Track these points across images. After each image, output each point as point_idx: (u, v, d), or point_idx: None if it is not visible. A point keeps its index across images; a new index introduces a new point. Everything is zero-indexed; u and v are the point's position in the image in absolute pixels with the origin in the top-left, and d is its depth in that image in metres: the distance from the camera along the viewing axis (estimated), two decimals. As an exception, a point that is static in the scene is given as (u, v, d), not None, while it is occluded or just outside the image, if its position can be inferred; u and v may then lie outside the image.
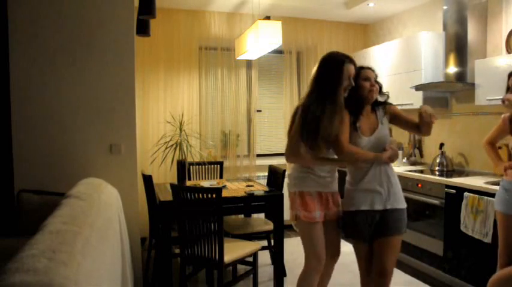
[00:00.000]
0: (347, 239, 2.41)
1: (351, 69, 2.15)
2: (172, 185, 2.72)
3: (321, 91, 2.15)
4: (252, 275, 2.90)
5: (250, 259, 2.88)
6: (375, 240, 2.23)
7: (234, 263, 2.75)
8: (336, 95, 2.12)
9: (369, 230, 2.22)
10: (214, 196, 2.57)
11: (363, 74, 2.25)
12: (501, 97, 2.56)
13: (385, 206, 2.18)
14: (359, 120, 2.22)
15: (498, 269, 2.40)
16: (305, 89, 5.02)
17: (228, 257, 2.62)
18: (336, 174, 2.34)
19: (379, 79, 2.33)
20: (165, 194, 3.15)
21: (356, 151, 2.15)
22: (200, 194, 2.61)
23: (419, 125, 2.16)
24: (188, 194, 2.64)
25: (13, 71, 2.71)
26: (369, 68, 2.30)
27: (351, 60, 2.17)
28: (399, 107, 4.12)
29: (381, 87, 2.29)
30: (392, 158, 2.18)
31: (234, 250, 2.72)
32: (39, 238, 1.29)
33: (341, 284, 3.30)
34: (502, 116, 2.58)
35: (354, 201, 2.21)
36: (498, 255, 2.42)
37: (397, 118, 2.30)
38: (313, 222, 2.20)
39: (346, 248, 2.56)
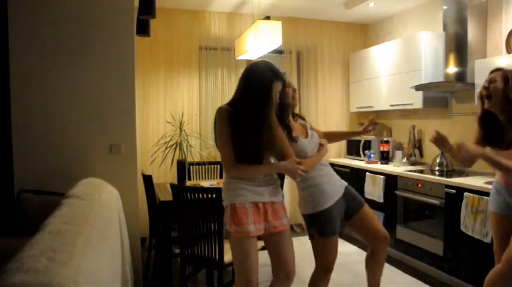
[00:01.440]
0: (326, 238, 2.27)
1: (279, 87, 2.01)
2: (172, 185, 2.72)
3: (248, 108, 1.98)
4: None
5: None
6: (351, 220, 2.38)
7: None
8: (265, 115, 1.98)
9: (340, 220, 2.32)
10: (214, 195, 2.57)
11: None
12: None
13: (342, 188, 2.36)
14: (291, 127, 2.22)
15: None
16: (305, 89, 5.03)
17: (228, 257, 2.61)
18: (278, 181, 2.17)
19: (379, 79, 2.35)
20: (165, 194, 3.15)
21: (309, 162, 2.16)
22: (200, 194, 2.61)
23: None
24: (188, 194, 2.64)
25: (13, 71, 2.71)
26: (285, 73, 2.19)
27: (279, 77, 2.00)
28: (399, 107, 4.15)
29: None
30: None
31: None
32: (39, 238, 1.29)
33: (341, 284, 3.30)
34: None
35: (320, 200, 2.23)
36: (494, 254, 2.43)
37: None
38: (245, 237, 1.96)
39: (346, 248, 2.56)
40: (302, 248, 4.28)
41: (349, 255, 3.98)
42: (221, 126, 1.98)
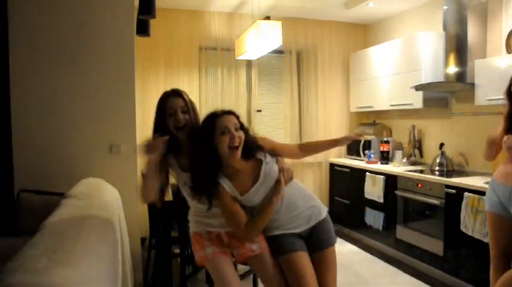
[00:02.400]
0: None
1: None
2: (172, 185, 2.73)
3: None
4: (252, 276, 2.90)
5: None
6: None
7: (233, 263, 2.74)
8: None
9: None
10: None
11: (218, 125, 1.87)
12: (501, 97, 2.56)
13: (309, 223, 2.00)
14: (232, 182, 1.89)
15: (491, 268, 2.43)
16: (305, 89, 5.03)
17: None
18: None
19: (379, 79, 2.28)
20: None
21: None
22: None
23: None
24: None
25: (13, 71, 2.72)
26: (227, 113, 1.99)
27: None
28: (399, 107, 4.15)
29: (246, 131, 1.99)
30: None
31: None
32: (39, 238, 1.29)
33: (341, 284, 3.29)
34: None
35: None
36: (490, 255, 2.44)
37: (275, 151, 2.03)
38: (207, 259, 1.91)
39: (346, 248, 2.56)
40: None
41: (349, 255, 3.97)
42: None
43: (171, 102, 1.96)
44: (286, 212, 1.93)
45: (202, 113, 4.07)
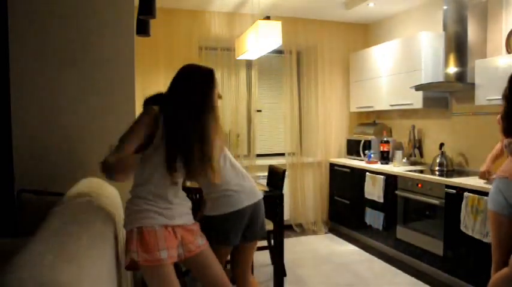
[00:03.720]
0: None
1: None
2: None
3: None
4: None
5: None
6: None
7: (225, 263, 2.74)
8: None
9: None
10: (198, 196, 2.56)
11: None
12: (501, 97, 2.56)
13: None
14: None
15: (492, 267, 2.43)
16: (305, 89, 5.03)
17: None
18: (187, 203, 1.95)
19: (379, 79, 2.32)
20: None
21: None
22: (191, 195, 2.61)
23: None
24: None
25: (13, 71, 2.71)
26: None
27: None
28: (399, 107, 4.15)
29: None
30: None
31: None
32: (43, 235, 1.30)
33: (341, 284, 3.30)
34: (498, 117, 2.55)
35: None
36: (492, 253, 2.44)
37: None
38: (157, 265, 1.71)
39: (346, 248, 2.56)
40: (302, 248, 4.29)
41: (349, 255, 3.98)
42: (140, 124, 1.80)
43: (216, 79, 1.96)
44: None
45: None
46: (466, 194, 2.96)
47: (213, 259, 1.94)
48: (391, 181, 3.83)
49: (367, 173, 4.12)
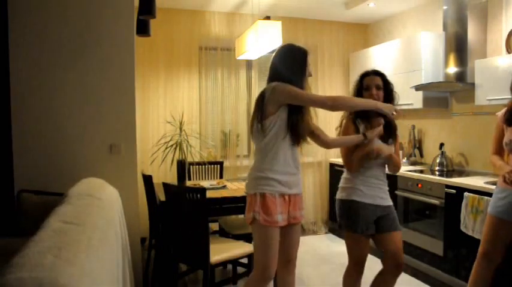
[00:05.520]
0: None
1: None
2: (164, 184, 2.74)
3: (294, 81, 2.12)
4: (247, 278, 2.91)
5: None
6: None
7: (224, 263, 2.75)
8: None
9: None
10: (199, 196, 2.56)
11: (364, 82, 2.32)
12: (501, 97, 2.56)
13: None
14: (366, 129, 2.29)
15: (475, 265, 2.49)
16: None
17: (216, 258, 2.61)
18: (299, 175, 2.17)
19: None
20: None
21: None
22: (187, 194, 2.62)
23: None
24: (175, 193, 2.66)
25: (13, 71, 2.72)
26: (373, 73, 2.33)
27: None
28: (399, 107, 4.14)
29: (389, 92, 2.33)
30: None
31: (226, 251, 2.71)
32: (43, 235, 1.30)
33: (340, 284, 3.29)
34: (497, 114, 2.53)
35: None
36: (480, 253, 2.47)
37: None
38: (273, 226, 2.02)
39: (345, 248, 2.55)
40: (302, 248, 4.28)
41: (349, 255, 3.97)
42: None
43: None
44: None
45: (203, 113, 4.09)
46: (466, 194, 2.96)
47: (298, 233, 2.25)
48: (391, 181, 3.82)
49: (367, 173, 4.12)
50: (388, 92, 2.33)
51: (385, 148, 2.27)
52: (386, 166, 2.40)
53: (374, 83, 2.29)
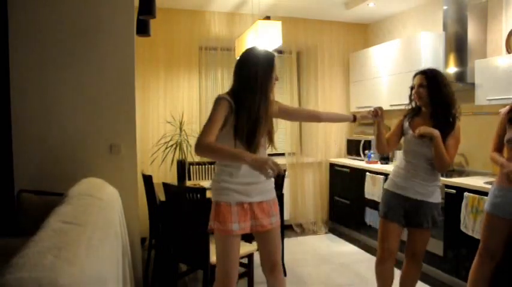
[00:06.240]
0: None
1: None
2: (164, 184, 2.74)
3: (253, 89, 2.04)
4: (247, 278, 2.91)
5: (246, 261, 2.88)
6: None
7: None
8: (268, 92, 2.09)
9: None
10: (198, 196, 2.57)
11: (413, 81, 2.48)
12: (501, 97, 2.56)
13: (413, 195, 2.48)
14: (412, 122, 2.52)
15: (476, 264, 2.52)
16: (305, 89, 5.03)
17: (214, 258, 2.61)
18: (265, 183, 2.06)
19: (379, 79, 2.35)
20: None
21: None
22: (187, 194, 2.62)
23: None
24: (175, 193, 2.66)
25: (13, 71, 2.72)
26: (419, 73, 2.45)
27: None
28: (399, 107, 4.14)
29: (432, 90, 2.40)
30: None
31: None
32: (43, 235, 1.30)
33: (341, 284, 3.30)
34: (501, 111, 2.53)
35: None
36: (481, 252, 2.49)
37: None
38: (227, 235, 1.96)
39: (346, 248, 2.55)
40: (302, 248, 4.29)
41: (349, 255, 3.98)
42: (217, 109, 1.94)
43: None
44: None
45: (203, 113, 4.09)
46: (466, 194, 2.96)
47: (276, 239, 2.15)
48: (391, 181, 3.83)
49: (367, 173, 4.12)
50: (433, 90, 2.42)
51: None
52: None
53: (418, 82, 2.43)
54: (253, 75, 2.02)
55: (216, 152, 1.85)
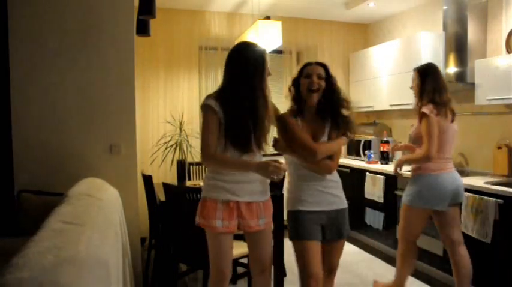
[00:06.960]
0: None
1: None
2: (164, 184, 2.74)
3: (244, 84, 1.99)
4: (247, 277, 2.90)
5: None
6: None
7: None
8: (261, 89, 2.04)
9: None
10: (198, 196, 2.57)
11: (305, 71, 2.13)
12: (501, 97, 2.57)
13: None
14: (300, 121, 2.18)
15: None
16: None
17: None
18: (258, 183, 2.04)
19: (379, 79, 2.32)
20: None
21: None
22: (187, 194, 2.62)
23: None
24: (175, 193, 2.66)
25: (13, 71, 2.72)
26: (316, 64, 2.15)
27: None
28: (399, 107, 4.15)
29: (332, 91, 2.15)
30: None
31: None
32: (43, 235, 1.30)
33: (341, 284, 3.30)
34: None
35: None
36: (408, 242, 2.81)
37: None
38: (215, 233, 1.98)
39: (346, 248, 2.55)
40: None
41: (349, 255, 3.97)
42: (209, 120, 1.94)
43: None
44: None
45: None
46: (466, 194, 2.96)
47: (265, 243, 2.12)
48: (391, 181, 3.83)
49: (367, 173, 4.12)
50: (330, 85, 2.16)
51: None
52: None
53: (316, 72, 2.11)
54: (243, 72, 1.97)
55: (223, 164, 1.97)
